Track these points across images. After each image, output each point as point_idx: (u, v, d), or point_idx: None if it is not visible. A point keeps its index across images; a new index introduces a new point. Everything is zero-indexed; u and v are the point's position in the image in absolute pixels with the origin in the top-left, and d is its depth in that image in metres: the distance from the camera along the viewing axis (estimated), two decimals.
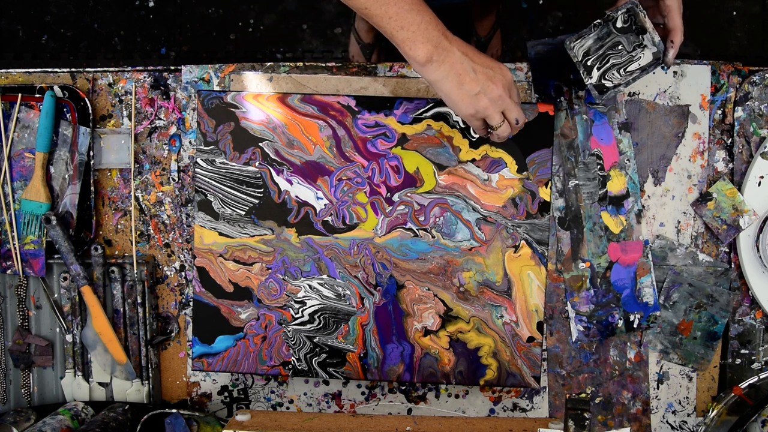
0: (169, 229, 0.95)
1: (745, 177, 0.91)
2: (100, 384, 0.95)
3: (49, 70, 0.94)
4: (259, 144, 0.90)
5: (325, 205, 0.90)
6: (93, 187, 0.92)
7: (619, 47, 0.79)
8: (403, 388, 0.95)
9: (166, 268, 0.95)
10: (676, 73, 0.91)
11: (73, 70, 0.94)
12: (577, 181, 0.91)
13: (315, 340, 0.90)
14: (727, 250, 0.92)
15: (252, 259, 0.90)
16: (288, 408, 0.95)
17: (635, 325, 0.91)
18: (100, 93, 0.94)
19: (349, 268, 0.90)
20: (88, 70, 0.94)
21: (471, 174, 0.89)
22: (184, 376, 0.96)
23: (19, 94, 0.91)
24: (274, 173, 0.90)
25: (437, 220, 0.89)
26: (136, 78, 0.94)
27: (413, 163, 0.89)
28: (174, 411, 0.90)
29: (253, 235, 0.90)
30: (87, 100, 0.91)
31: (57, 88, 0.91)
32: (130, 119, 0.94)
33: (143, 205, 0.94)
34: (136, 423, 0.89)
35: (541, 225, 0.89)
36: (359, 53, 1.51)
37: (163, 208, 0.94)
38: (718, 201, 0.91)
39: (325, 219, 0.90)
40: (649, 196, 0.92)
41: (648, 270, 0.91)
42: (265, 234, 0.90)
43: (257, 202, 0.90)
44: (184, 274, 0.95)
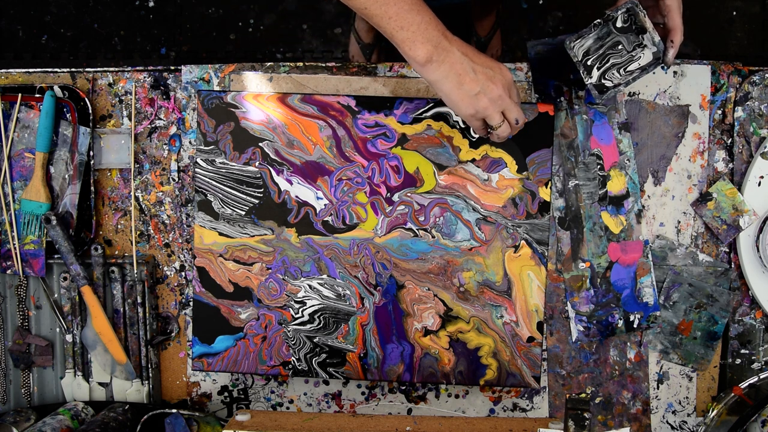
0: (169, 229, 0.95)
1: (745, 177, 0.91)
2: (100, 384, 0.95)
3: (49, 70, 0.94)
4: (259, 144, 0.90)
5: (325, 205, 0.90)
6: (93, 187, 0.92)
7: (619, 47, 0.79)
8: (403, 388, 0.95)
9: (166, 268, 0.95)
10: (676, 73, 0.91)
11: (73, 70, 0.94)
12: (577, 181, 0.91)
13: (315, 340, 0.90)
14: (727, 250, 0.92)
15: (252, 259, 0.90)
16: (288, 408, 0.95)
17: (635, 325, 0.91)
18: (100, 93, 0.94)
19: (349, 268, 0.90)
20: (88, 70, 0.94)
21: (471, 174, 0.89)
22: (184, 376, 0.96)
23: (19, 94, 0.91)
24: (274, 173, 0.90)
25: (437, 220, 0.89)
26: (136, 78, 0.94)
27: (413, 163, 0.89)
28: (174, 411, 0.90)
29: (253, 235, 0.90)
30: (87, 100, 0.91)
31: (57, 88, 0.91)
32: (130, 119, 0.94)
33: (143, 205, 0.94)
34: (136, 423, 0.89)
35: (541, 225, 0.89)
36: (359, 53, 1.51)
37: (163, 208, 0.94)
38: (718, 201, 0.91)
39: (325, 219, 0.90)
40: (649, 196, 0.92)
41: (648, 270, 0.91)
42: (265, 234, 0.90)
43: (257, 202, 0.90)
44: (184, 274, 0.95)
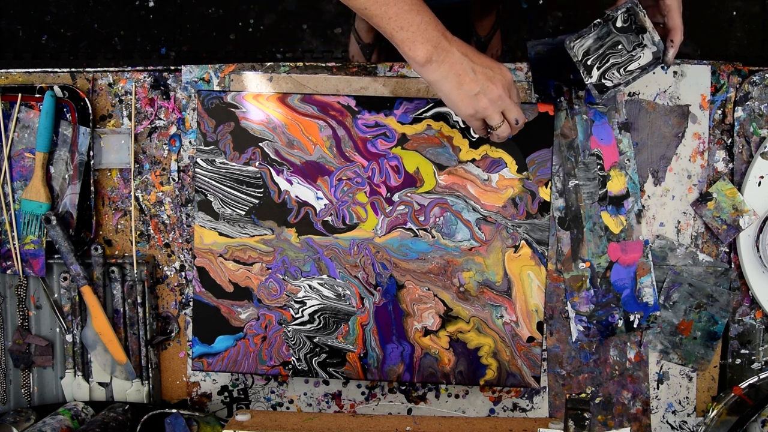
0: (169, 229, 0.95)
1: (745, 177, 0.91)
2: (100, 384, 0.95)
3: (49, 70, 0.94)
4: (259, 144, 0.90)
5: (325, 205, 0.90)
6: (93, 187, 0.92)
7: (619, 47, 0.79)
8: (403, 388, 0.95)
9: (166, 268, 0.95)
10: (676, 73, 0.91)
11: (73, 70, 0.94)
12: (577, 181, 0.91)
13: (315, 340, 0.90)
14: (727, 250, 0.92)
15: (252, 259, 0.90)
16: (288, 408, 0.95)
17: (635, 325, 0.91)
18: (100, 93, 0.94)
19: (349, 268, 0.90)
20: (88, 70, 0.94)
21: (471, 174, 0.89)
22: (184, 376, 0.96)
23: (19, 94, 0.91)
24: (274, 173, 0.90)
25: (437, 220, 0.89)
26: (136, 78, 0.94)
27: (413, 163, 0.89)
28: (174, 411, 0.90)
29: (253, 235, 0.90)
30: (87, 100, 0.91)
31: (57, 88, 0.91)
32: (130, 119, 0.94)
33: (143, 205, 0.94)
34: (136, 423, 0.89)
35: (541, 225, 0.89)
36: (359, 53, 1.51)
37: (163, 208, 0.94)
38: (718, 201, 0.91)
39: (325, 219, 0.90)
40: (649, 196, 0.92)
41: (648, 270, 0.91)
42: (265, 234, 0.90)
43: (257, 202, 0.90)
44: (184, 274, 0.95)
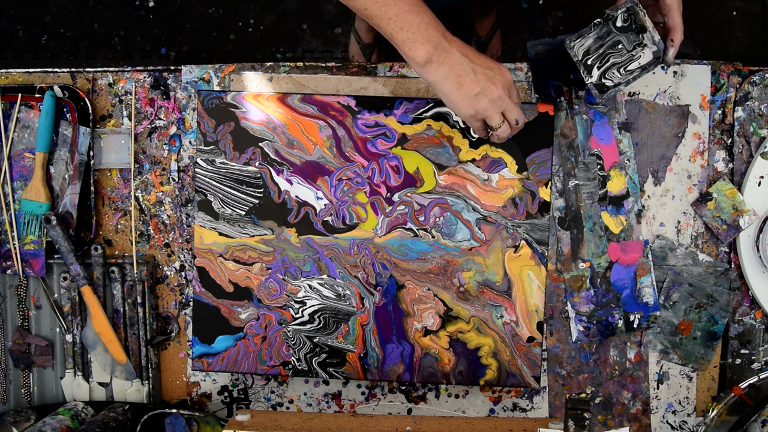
0: (169, 229, 0.95)
1: (745, 177, 0.91)
2: (100, 384, 0.95)
3: (49, 70, 0.94)
4: (259, 144, 0.90)
5: (325, 205, 0.90)
6: (93, 187, 0.92)
7: (619, 46, 0.79)
8: (403, 388, 0.95)
9: (166, 268, 0.95)
10: (676, 73, 0.91)
11: (73, 70, 0.94)
12: (577, 181, 0.91)
13: (315, 340, 0.90)
14: (727, 250, 0.92)
15: (252, 259, 0.90)
16: (288, 408, 0.95)
17: (635, 325, 0.91)
18: (100, 93, 0.94)
19: (349, 268, 0.90)
20: (88, 70, 0.94)
21: (471, 174, 0.89)
22: (184, 376, 0.96)
23: (19, 94, 0.91)
24: (274, 173, 0.90)
25: (437, 220, 0.89)
26: (136, 78, 0.94)
27: (413, 163, 0.89)
28: (174, 411, 0.90)
29: (253, 235, 0.90)
30: (87, 100, 0.91)
31: (57, 88, 0.91)
32: (130, 119, 0.94)
33: (143, 205, 0.94)
34: (136, 423, 0.89)
35: (541, 225, 0.89)
36: (359, 53, 1.51)
37: (163, 208, 0.94)
38: (718, 201, 0.91)
39: (325, 219, 0.90)
40: (649, 196, 0.92)
41: (648, 270, 0.91)
42: (265, 234, 0.90)
43: (257, 202, 0.90)
44: (184, 274, 0.95)
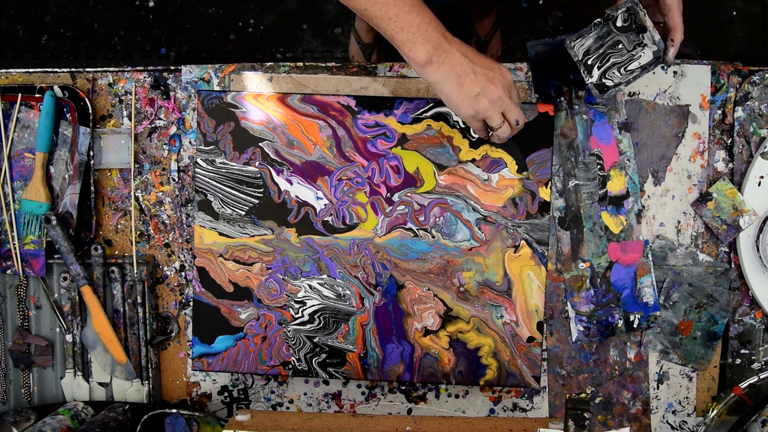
0: (169, 229, 0.95)
1: (745, 177, 0.91)
2: (100, 384, 0.95)
3: (49, 70, 0.94)
4: (259, 144, 0.90)
5: (325, 205, 0.90)
6: (93, 187, 0.92)
7: (620, 46, 0.79)
8: (403, 388, 0.95)
9: (166, 268, 0.95)
10: (676, 73, 0.91)
11: (73, 70, 0.94)
12: (577, 181, 0.91)
13: (315, 340, 0.90)
14: (727, 250, 0.92)
15: (252, 259, 0.90)
16: (288, 408, 0.95)
17: (635, 325, 0.91)
18: (100, 93, 0.94)
19: (349, 268, 0.90)
20: (88, 70, 0.94)
21: (471, 174, 0.89)
22: (184, 376, 0.96)
23: (19, 94, 0.91)
24: (274, 173, 0.90)
25: (437, 220, 0.89)
26: (136, 78, 0.94)
27: (413, 163, 0.89)
28: (174, 411, 0.90)
29: (253, 235, 0.90)
30: (87, 100, 0.91)
31: (57, 88, 0.91)
32: (130, 119, 0.94)
33: (143, 205, 0.94)
34: (136, 423, 0.89)
35: (541, 225, 0.89)
36: (359, 53, 1.51)
37: (163, 208, 0.94)
38: (718, 201, 0.91)
39: (325, 219, 0.90)
40: (649, 196, 0.92)
41: (648, 270, 0.91)
42: (265, 234, 0.90)
43: (257, 202, 0.90)
44: (184, 274, 0.95)
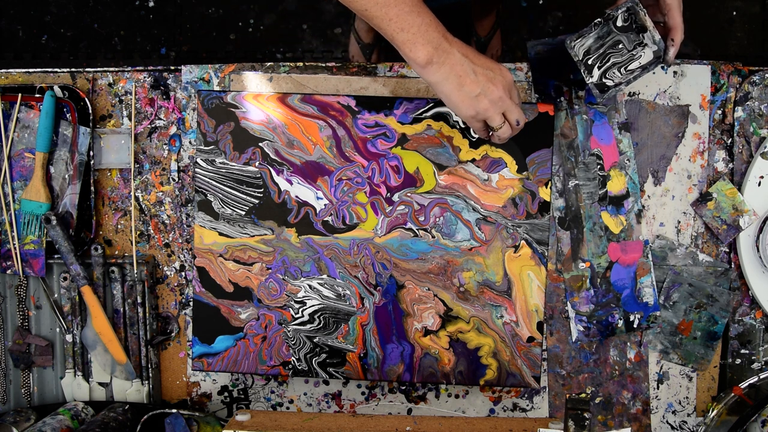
0: (169, 229, 0.95)
1: (745, 177, 0.91)
2: (100, 384, 0.95)
3: (49, 70, 0.94)
4: (259, 144, 0.90)
5: (325, 205, 0.90)
6: (93, 187, 0.92)
7: (620, 46, 0.79)
8: (403, 388, 0.95)
9: (166, 268, 0.95)
10: (676, 73, 0.91)
11: (73, 70, 0.94)
12: (577, 181, 0.91)
13: (315, 340, 0.90)
14: (727, 250, 0.92)
15: (252, 259, 0.90)
16: (288, 408, 0.95)
17: (635, 325, 0.91)
18: (100, 93, 0.94)
19: (349, 268, 0.90)
20: (88, 70, 0.94)
21: (471, 174, 0.89)
22: (184, 376, 0.96)
23: (19, 94, 0.91)
24: (274, 173, 0.90)
25: (437, 220, 0.89)
26: (136, 78, 0.94)
27: (413, 163, 0.89)
28: (174, 411, 0.90)
29: (253, 235, 0.90)
30: (87, 100, 0.91)
31: (57, 88, 0.91)
32: (130, 119, 0.94)
33: (143, 205, 0.94)
34: (136, 423, 0.89)
35: (541, 225, 0.89)
36: (359, 53, 1.51)
37: (163, 208, 0.94)
38: (718, 201, 0.91)
39: (325, 219, 0.90)
40: (649, 196, 0.92)
41: (648, 270, 0.91)
42: (265, 234, 0.90)
43: (257, 202, 0.90)
44: (184, 274, 0.95)
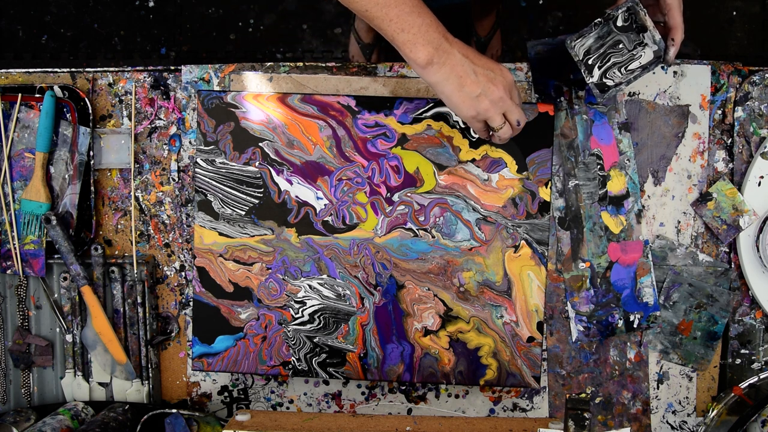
0: (169, 229, 0.95)
1: (745, 177, 0.91)
2: (100, 384, 0.95)
3: (49, 70, 0.94)
4: (259, 144, 0.90)
5: (325, 205, 0.90)
6: (93, 187, 0.92)
7: (620, 46, 0.79)
8: (403, 388, 0.95)
9: (166, 268, 0.95)
10: (676, 73, 0.91)
11: (73, 70, 0.94)
12: (577, 181, 0.91)
13: (315, 340, 0.90)
14: (727, 250, 0.92)
15: (252, 259, 0.90)
16: (288, 408, 0.95)
17: (635, 325, 0.91)
18: (100, 93, 0.94)
19: (349, 268, 0.90)
20: (88, 70, 0.94)
21: (471, 174, 0.89)
22: (184, 376, 0.96)
23: (19, 94, 0.91)
24: (274, 173, 0.90)
25: (437, 220, 0.89)
26: (136, 78, 0.94)
27: (413, 163, 0.89)
28: (174, 411, 0.90)
29: (253, 235, 0.90)
30: (87, 100, 0.91)
31: (57, 88, 0.91)
32: (130, 119, 0.94)
33: (143, 205, 0.94)
34: (136, 423, 0.89)
35: (541, 225, 0.89)
36: (359, 53, 1.51)
37: (163, 208, 0.94)
38: (718, 201, 0.91)
39: (325, 219, 0.90)
40: (649, 196, 0.92)
41: (648, 270, 0.91)
42: (265, 234, 0.90)
43: (257, 202, 0.90)
44: (184, 274, 0.95)
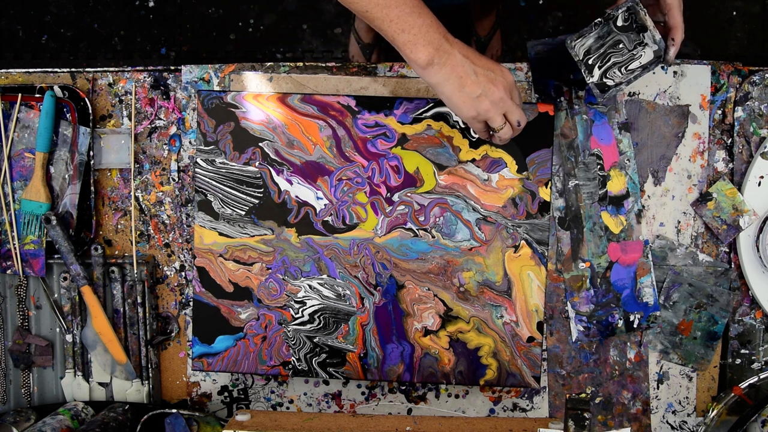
0: (169, 229, 0.95)
1: (745, 177, 0.91)
2: (100, 384, 0.95)
3: (49, 70, 0.94)
4: (259, 144, 0.90)
5: (325, 205, 0.90)
6: (93, 187, 0.92)
7: (620, 45, 0.79)
8: (403, 388, 0.95)
9: (166, 268, 0.95)
10: (676, 73, 0.91)
11: (73, 70, 0.94)
12: (577, 181, 0.91)
13: (315, 340, 0.90)
14: (727, 250, 0.92)
15: (252, 259, 0.90)
16: (288, 408, 0.95)
17: (635, 325, 0.91)
18: (100, 93, 0.94)
19: (349, 268, 0.90)
20: (88, 70, 0.94)
21: (471, 174, 0.89)
22: (184, 376, 0.96)
23: (19, 94, 0.91)
24: (274, 173, 0.90)
25: (437, 220, 0.89)
26: (136, 78, 0.94)
27: (413, 163, 0.89)
28: (174, 411, 0.90)
29: (253, 235, 0.90)
30: (87, 100, 0.91)
31: (57, 88, 0.91)
32: (130, 119, 0.94)
33: (143, 205, 0.94)
34: (136, 423, 0.89)
35: (541, 225, 0.89)
36: (359, 53, 1.51)
37: (163, 208, 0.94)
38: (718, 201, 0.91)
39: (325, 219, 0.90)
40: (649, 196, 0.92)
41: (648, 270, 0.91)
42: (265, 234, 0.90)
43: (257, 202, 0.90)
44: (184, 274, 0.95)
